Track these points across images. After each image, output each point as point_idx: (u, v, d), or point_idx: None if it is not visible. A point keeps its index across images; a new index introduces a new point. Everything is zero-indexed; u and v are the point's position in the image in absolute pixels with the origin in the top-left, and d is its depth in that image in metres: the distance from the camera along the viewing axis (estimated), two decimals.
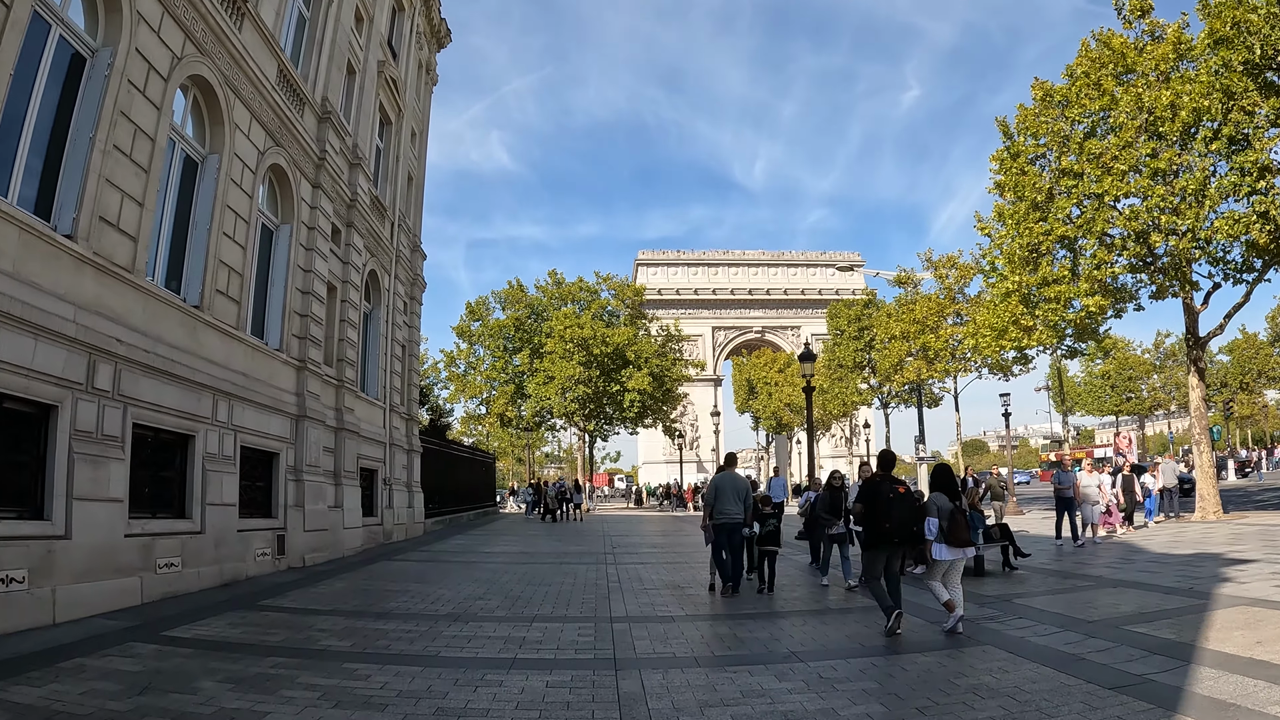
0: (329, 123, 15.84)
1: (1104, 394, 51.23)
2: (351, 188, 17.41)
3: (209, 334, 11.39)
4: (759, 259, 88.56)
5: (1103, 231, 19.34)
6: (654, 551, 17.49)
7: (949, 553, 7.56)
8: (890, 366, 32.71)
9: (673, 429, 50.63)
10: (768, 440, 66.79)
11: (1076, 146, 19.68)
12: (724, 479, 10.71)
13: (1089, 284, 20.12)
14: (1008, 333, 23.63)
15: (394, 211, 21.24)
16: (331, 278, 16.35)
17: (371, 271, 19.43)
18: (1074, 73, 19.92)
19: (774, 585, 10.88)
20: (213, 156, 11.90)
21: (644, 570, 13.70)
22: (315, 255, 15.07)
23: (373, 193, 19.27)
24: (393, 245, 20.84)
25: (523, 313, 45.21)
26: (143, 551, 9.33)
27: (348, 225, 17.31)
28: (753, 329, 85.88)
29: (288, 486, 13.49)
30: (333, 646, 6.84)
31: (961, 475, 13.20)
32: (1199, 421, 19.42)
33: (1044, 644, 7.00)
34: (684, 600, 10.18)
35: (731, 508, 10.42)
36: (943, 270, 29.90)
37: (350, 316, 17.22)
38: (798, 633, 7.91)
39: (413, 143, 23.81)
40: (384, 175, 21.11)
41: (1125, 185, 18.39)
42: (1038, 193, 20.99)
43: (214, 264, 11.66)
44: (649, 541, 21.25)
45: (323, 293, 15.58)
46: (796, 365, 58.26)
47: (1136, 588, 10.07)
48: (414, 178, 23.97)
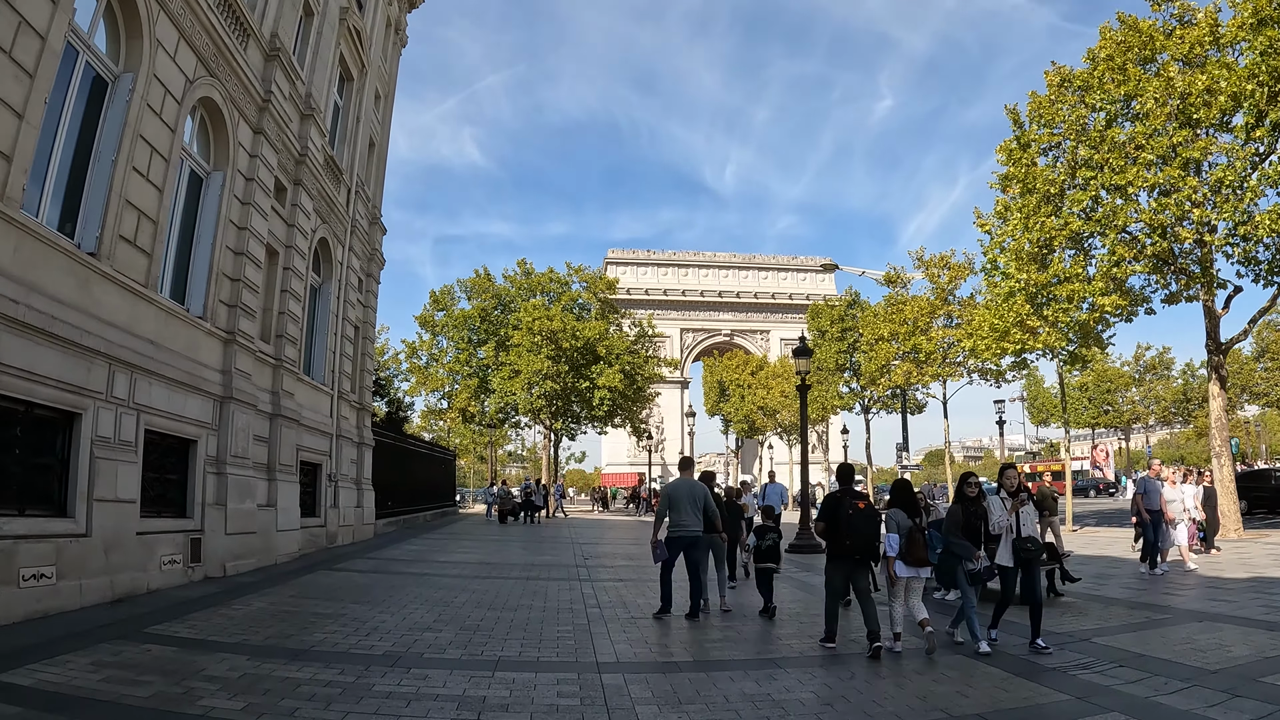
0: (277, 62, 13.67)
1: (1081, 406, 50.90)
2: (302, 141, 15.22)
3: (107, 289, 9.21)
4: (729, 261, 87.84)
5: (1124, 226, 18.03)
6: (631, 566, 15.54)
7: (905, 570, 7.48)
8: (876, 369, 31.29)
9: (642, 430, 48.75)
10: (738, 444, 65.34)
11: (1097, 134, 18.34)
12: (677, 486, 9.37)
13: (1104, 282, 18.82)
14: (1010, 335, 22.32)
15: (351, 177, 19.04)
16: (273, 240, 14.16)
17: (322, 240, 17.22)
18: (1095, 57, 18.60)
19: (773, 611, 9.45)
20: (127, 76, 9.74)
21: (625, 590, 11.78)
22: (253, 211, 12.89)
23: (328, 152, 17.09)
24: (348, 213, 18.63)
25: (489, 303, 42.87)
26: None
27: (295, 183, 15.13)
28: (721, 332, 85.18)
29: (206, 481, 11.30)
30: (216, 711, 4.82)
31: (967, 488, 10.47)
32: (1219, 433, 18.20)
33: (1185, 709, 5.32)
34: (686, 636, 8.33)
35: (688, 519, 9.11)
36: (935, 270, 28.57)
37: (294, 287, 15.03)
38: (867, 689, 6.12)
39: (376, 106, 21.61)
40: (342, 136, 18.90)
41: (1152, 176, 17.08)
42: (1050, 185, 19.65)
43: (119, 205, 9.48)
44: (623, 552, 19.30)
45: (260, 256, 13.39)
46: (770, 368, 56.90)
47: (1227, 622, 8.51)
48: (376, 144, 21.75)
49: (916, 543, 7.43)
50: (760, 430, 54.43)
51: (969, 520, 7.66)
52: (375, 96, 21.38)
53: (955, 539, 7.65)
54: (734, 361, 60.33)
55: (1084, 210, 19.22)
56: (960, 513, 7.74)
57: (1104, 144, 18.17)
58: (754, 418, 53.38)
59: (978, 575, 7.57)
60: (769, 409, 51.44)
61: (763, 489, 17.17)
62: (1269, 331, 41.87)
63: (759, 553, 9.83)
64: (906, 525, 7.49)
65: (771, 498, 15.80)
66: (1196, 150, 16.31)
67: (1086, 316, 19.41)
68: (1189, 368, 47.33)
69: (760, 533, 9.98)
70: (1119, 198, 17.97)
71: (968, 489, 7.81)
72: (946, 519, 8.02)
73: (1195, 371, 47.47)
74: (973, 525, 7.62)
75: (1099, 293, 18.86)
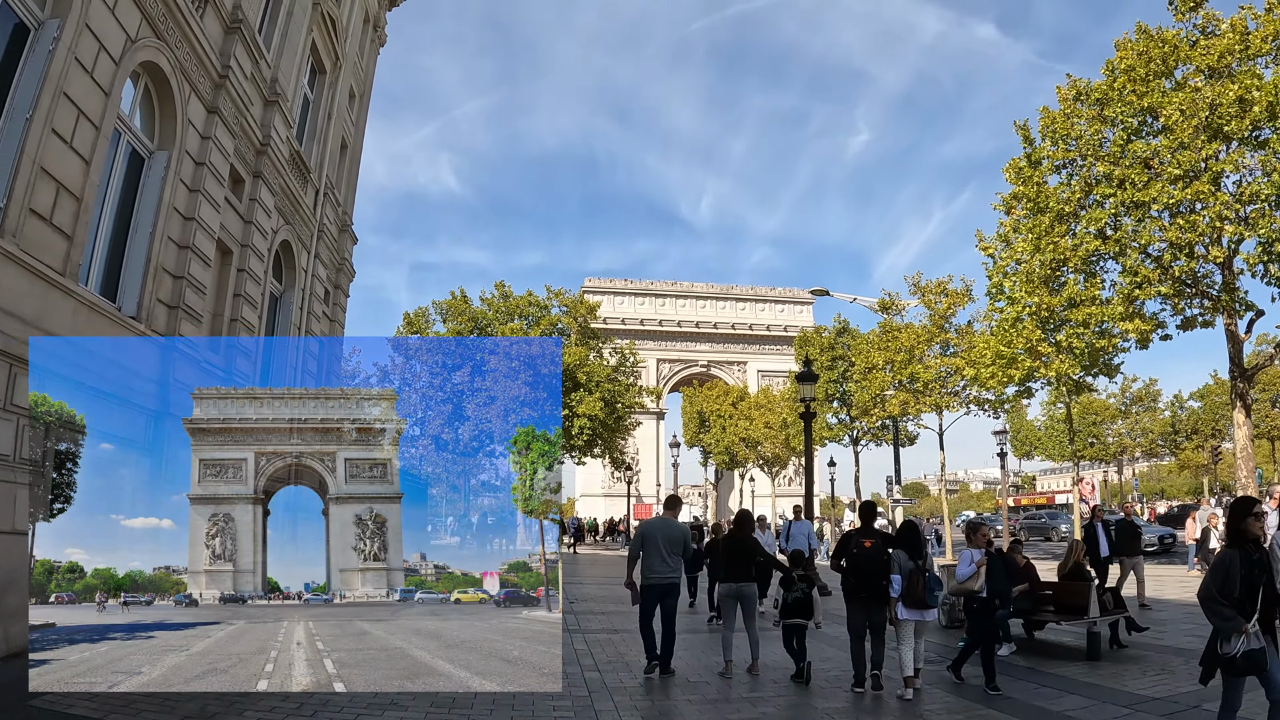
0: (238, 36, 12.15)
1: (1064, 439, 50.24)
2: (265, 129, 13.65)
3: (10, 272, 7.52)
4: (707, 291, 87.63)
5: (1146, 244, 17.07)
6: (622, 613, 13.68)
7: (905, 612, 7.43)
8: (869, 399, 30.07)
9: (621, 460, 46.98)
10: (716, 476, 63.74)
11: (1117, 149, 17.46)
12: (653, 526, 8.46)
13: (1123, 305, 17.80)
14: (1018, 362, 21.22)
15: (320, 177, 17.44)
16: (226, 236, 12.50)
17: (285, 243, 15.55)
18: (1114, 69, 17.79)
19: (810, 672, 8.03)
20: (52, 22, 8.18)
21: (623, 645, 10.14)
22: (203, 200, 11.25)
23: (294, 146, 15.51)
24: (315, 216, 16.99)
25: (465, 326, 41.12)
26: None
27: (255, 175, 13.51)
28: (698, 363, 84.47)
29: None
30: None
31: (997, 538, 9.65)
32: (1245, 464, 17.13)
33: None
34: (704, 713, 6.79)
35: (660, 565, 8.26)
36: (932, 296, 27.57)
37: (250, 292, 13.33)
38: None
39: (350, 105, 20.11)
40: (311, 132, 17.34)
41: (1178, 192, 16.16)
42: (1064, 203, 18.72)
43: (32, 173, 7.83)
44: (611, 594, 17.40)
45: (210, 252, 11.72)
46: (752, 398, 55.65)
47: None
48: (349, 146, 20.20)
49: (915, 584, 7.41)
50: (741, 462, 52.92)
51: (1250, 575, 4.88)
52: (350, 95, 19.89)
53: (1219, 605, 4.86)
54: (714, 392, 59.00)
55: (1099, 230, 18.29)
56: (1237, 563, 4.91)
57: (1124, 159, 17.28)
58: (735, 449, 51.89)
59: (1239, 663, 4.79)
60: (751, 440, 50.02)
61: (785, 527, 15.22)
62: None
63: (786, 607, 8.60)
64: (908, 567, 7.47)
65: (798, 539, 13.77)
66: (1229, 163, 15.44)
67: (1105, 342, 18.34)
68: (1178, 399, 47.07)
69: (786, 583, 8.73)
70: (1140, 216, 17.03)
71: (1251, 528, 4.97)
72: (1212, 573, 5.07)
73: (1184, 404, 47.16)
74: (1252, 583, 4.87)
75: (1118, 317, 17.82)
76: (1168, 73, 17.37)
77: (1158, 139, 16.89)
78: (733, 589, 8.50)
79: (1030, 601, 9.66)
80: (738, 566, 8.55)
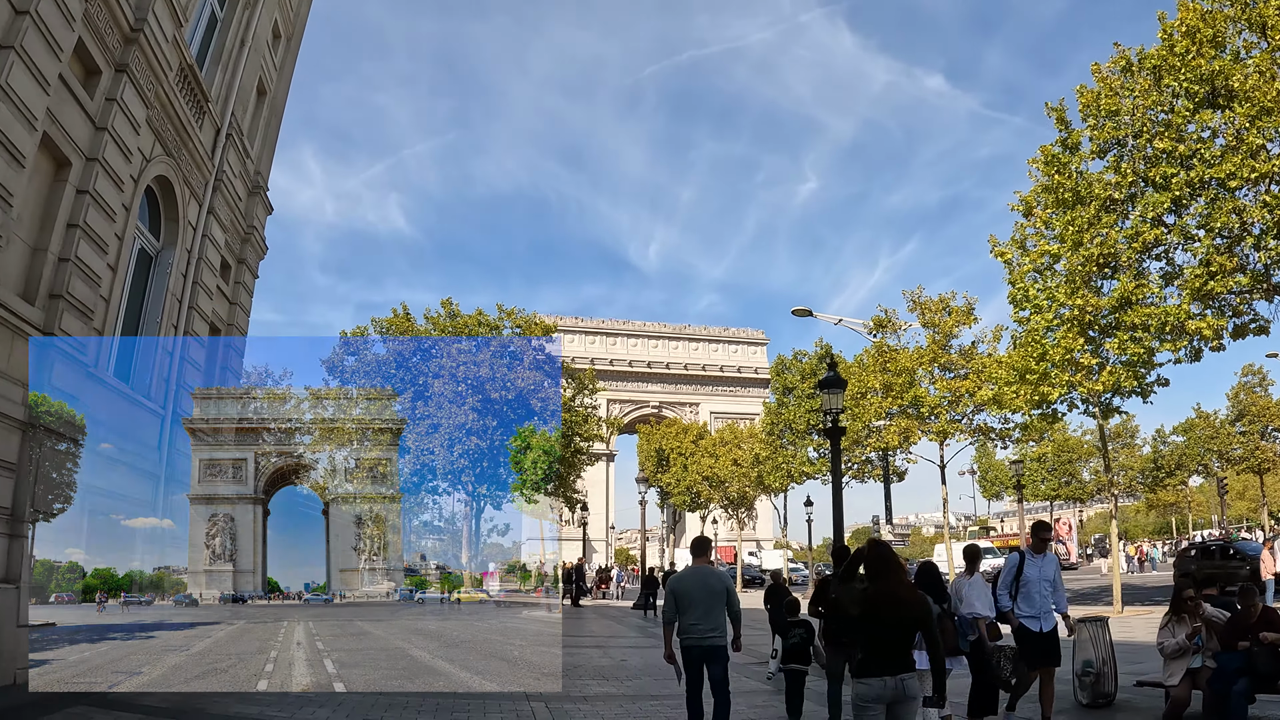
0: None
1: (1040, 478, 48.29)
2: (139, 14, 10.00)
3: None
4: (659, 330, 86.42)
5: (1222, 227, 14.61)
6: (623, 696, 9.83)
7: (926, 661, 5.67)
8: (861, 428, 27.02)
9: (574, 500, 42.99)
10: (673, 518, 59.97)
11: (1181, 121, 15.12)
12: (687, 579, 7.05)
13: (1192, 299, 15.28)
14: (1051, 377, 18.45)
15: (225, 116, 13.72)
16: (58, 134, 8.70)
17: (164, 180, 11.73)
18: (1172, 33, 15.55)
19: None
20: None
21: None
22: (24, 73, 7.52)
23: (184, 55, 11.82)
24: (213, 160, 13.20)
25: (408, 347, 36.99)
26: None
27: (117, 68, 9.79)
28: (649, 403, 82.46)
29: None
30: None
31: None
32: None
33: None
34: None
35: (703, 623, 6.80)
36: (932, 313, 24.91)
37: (98, 228, 9.47)
38: None
39: (274, 46, 16.49)
40: (217, 56, 13.67)
41: (1263, 164, 13.79)
42: (1114, 189, 16.27)
43: None
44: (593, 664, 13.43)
45: (29, 150, 7.91)
46: (711, 436, 52.40)
47: None
48: (269, 93, 16.49)
49: (946, 630, 6.88)
50: (705, 503, 49.29)
51: None
52: (274, 34, 16.30)
53: None
54: (674, 429, 55.65)
55: (1156, 217, 15.87)
56: None
57: (1191, 134, 14.94)
58: (698, 488, 48.28)
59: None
60: (715, 479, 46.54)
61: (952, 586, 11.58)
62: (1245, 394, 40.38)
63: (785, 652, 8.38)
64: (935, 611, 6.06)
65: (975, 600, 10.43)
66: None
67: (1170, 345, 15.75)
68: (1159, 434, 45.66)
69: (784, 629, 8.57)
70: (1215, 195, 14.62)
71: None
72: None
73: (1166, 439, 45.69)
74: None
75: (1186, 315, 15.27)
76: (1247, 26, 15.03)
77: (1234, 106, 14.56)
78: (889, 687, 4.49)
79: (1273, 661, 6.40)
80: (898, 645, 4.63)
